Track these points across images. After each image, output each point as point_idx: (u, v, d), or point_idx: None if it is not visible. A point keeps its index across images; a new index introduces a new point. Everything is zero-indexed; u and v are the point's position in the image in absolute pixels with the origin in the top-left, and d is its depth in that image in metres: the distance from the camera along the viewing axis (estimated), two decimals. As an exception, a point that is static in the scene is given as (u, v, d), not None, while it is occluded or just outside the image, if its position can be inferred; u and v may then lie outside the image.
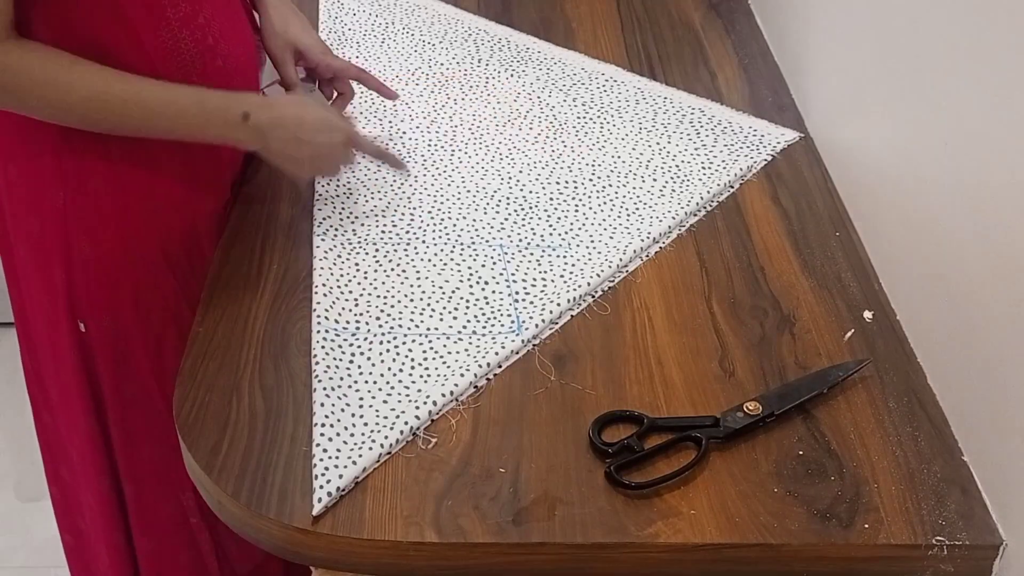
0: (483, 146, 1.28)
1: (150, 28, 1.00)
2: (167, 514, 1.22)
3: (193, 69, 1.04)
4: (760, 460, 0.92)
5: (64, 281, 1.09)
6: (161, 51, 1.02)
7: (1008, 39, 0.87)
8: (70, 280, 1.09)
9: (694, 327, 1.05)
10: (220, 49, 1.07)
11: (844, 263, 1.14)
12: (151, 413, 1.17)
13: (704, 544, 0.85)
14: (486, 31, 1.53)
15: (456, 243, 1.13)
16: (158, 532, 1.24)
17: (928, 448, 0.94)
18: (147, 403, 1.16)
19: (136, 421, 1.17)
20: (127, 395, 1.15)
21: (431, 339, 1.01)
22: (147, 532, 1.24)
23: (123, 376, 1.15)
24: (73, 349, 1.12)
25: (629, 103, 1.38)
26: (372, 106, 1.34)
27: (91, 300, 1.10)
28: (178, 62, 1.03)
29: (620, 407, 0.95)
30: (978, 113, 0.92)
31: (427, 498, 0.87)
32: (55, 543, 1.75)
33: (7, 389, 2.08)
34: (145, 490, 1.22)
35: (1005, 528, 0.87)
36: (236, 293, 1.06)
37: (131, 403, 1.16)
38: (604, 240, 1.14)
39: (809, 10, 1.39)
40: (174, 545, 1.25)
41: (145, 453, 1.19)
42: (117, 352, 1.13)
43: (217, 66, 1.06)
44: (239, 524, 0.88)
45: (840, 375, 0.98)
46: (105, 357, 1.13)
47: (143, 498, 1.22)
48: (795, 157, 1.30)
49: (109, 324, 1.11)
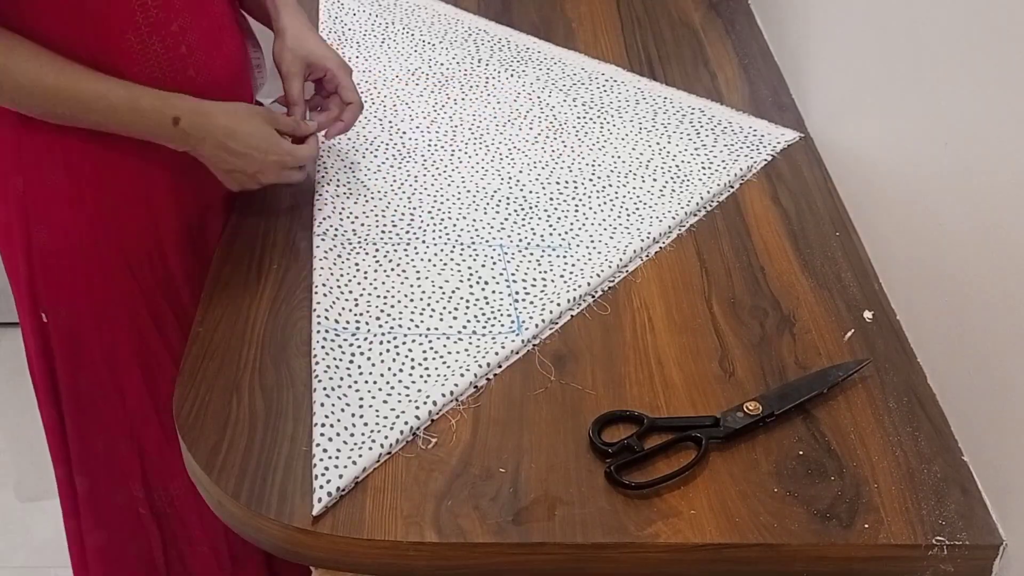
0: (483, 146, 1.28)
1: (116, 29, 0.99)
2: (118, 506, 1.24)
3: (164, 77, 1.03)
4: (760, 460, 0.92)
5: (26, 270, 1.10)
6: (128, 54, 1.01)
7: (1008, 39, 0.87)
8: (31, 268, 1.10)
9: (694, 327, 1.05)
10: (194, 60, 1.06)
11: (844, 263, 1.14)
12: (103, 405, 1.18)
13: (704, 544, 0.85)
14: (486, 31, 1.53)
15: (456, 243, 1.13)
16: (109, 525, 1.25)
17: (928, 448, 0.94)
18: (99, 395, 1.17)
19: (88, 413, 1.18)
20: (80, 386, 1.16)
21: (431, 339, 1.01)
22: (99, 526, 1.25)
23: (76, 367, 1.15)
24: (35, 337, 1.14)
25: (629, 103, 1.38)
26: (372, 106, 1.34)
27: (49, 290, 1.11)
28: (146, 68, 1.02)
29: (620, 407, 0.95)
30: (978, 113, 0.92)
31: (427, 498, 0.87)
32: (55, 543, 1.75)
33: (7, 389, 2.08)
34: (97, 482, 1.23)
35: (1005, 528, 0.87)
36: (236, 293, 1.06)
37: (84, 395, 1.17)
38: (604, 240, 1.14)
39: (809, 10, 1.39)
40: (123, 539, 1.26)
41: (97, 446, 1.20)
42: (72, 343, 1.14)
43: (189, 76, 1.05)
44: (239, 524, 0.88)
45: (840, 375, 0.98)
46: (61, 348, 1.14)
47: (96, 490, 1.24)
48: (795, 157, 1.30)
49: (65, 315, 1.12)
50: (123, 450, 1.21)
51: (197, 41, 1.06)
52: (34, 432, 1.30)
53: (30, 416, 1.28)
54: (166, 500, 1.25)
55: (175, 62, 1.04)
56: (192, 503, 1.24)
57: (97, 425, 1.19)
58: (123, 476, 1.22)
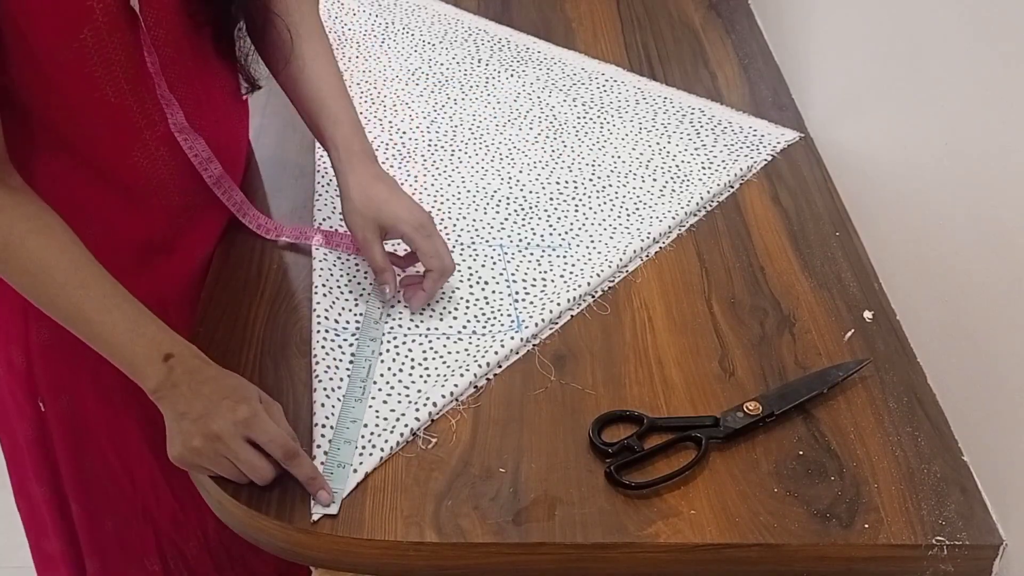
0: (483, 146, 1.28)
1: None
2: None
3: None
4: (760, 460, 0.92)
5: (23, 363, 1.06)
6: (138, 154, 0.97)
7: (1008, 39, 0.87)
8: (28, 362, 1.06)
9: (694, 327, 1.05)
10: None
11: (844, 263, 1.14)
12: (111, 489, 1.14)
13: (704, 544, 0.85)
14: (486, 31, 1.53)
15: (456, 243, 1.13)
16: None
17: (928, 448, 0.94)
18: (107, 479, 1.13)
19: (96, 496, 1.14)
20: (85, 471, 1.12)
21: (431, 339, 1.01)
22: None
23: (80, 453, 1.11)
24: (30, 426, 1.10)
25: (629, 103, 1.38)
26: (372, 106, 1.34)
27: (49, 381, 1.07)
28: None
29: (620, 407, 0.95)
30: (978, 113, 0.92)
31: (427, 498, 0.87)
32: (55, 543, 1.74)
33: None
34: (109, 562, 1.19)
35: (1005, 528, 0.87)
36: (236, 293, 1.06)
37: (90, 479, 1.13)
38: (604, 240, 1.14)
39: (809, 10, 1.39)
40: None
41: (108, 526, 1.16)
42: (74, 430, 1.10)
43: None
44: (240, 525, 0.88)
45: (840, 375, 0.98)
46: (62, 434, 1.10)
47: (108, 570, 1.20)
48: (795, 157, 1.30)
49: (67, 402, 1.08)
50: (136, 528, 1.16)
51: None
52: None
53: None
54: (184, 567, 1.21)
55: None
56: (209, 562, 1.22)
57: (105, 506, 1.15)
58: (137, 555, 1.18)
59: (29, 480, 1.17)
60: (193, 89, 1.00)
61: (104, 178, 0.98)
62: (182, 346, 0.90)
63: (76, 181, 0.97)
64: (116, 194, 0.99)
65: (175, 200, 1.04)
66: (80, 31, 0.88)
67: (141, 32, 0.91)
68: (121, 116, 0.95)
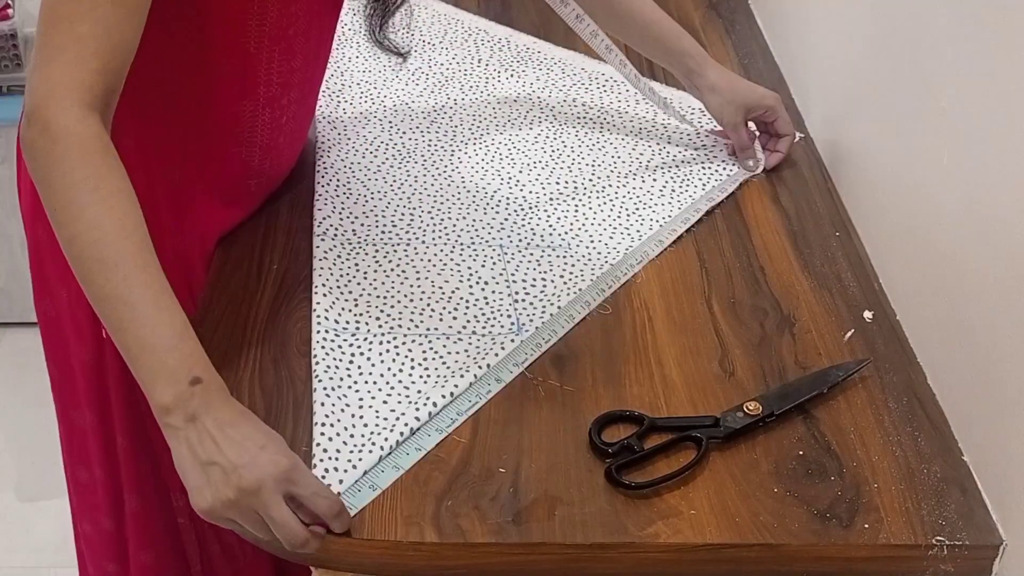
0: (483, 146, 1.28)
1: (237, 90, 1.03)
2: (163, 523, 1.22)
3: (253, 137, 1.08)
4: (760, 460, 0.92)
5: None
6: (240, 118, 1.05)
7: (1008, 40, 0.87)
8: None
9: (694, 327, 1.05)
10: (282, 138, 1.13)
11: (844, 263, 1.14)
12: (156, 426, 1.16)
13: (704, 544, 0.85)
14: (486, 31, 1.53)
15: (456, 243, 1.13)
16: (156, 543, 1.23)
17: (928, 448, 0.94)
18: (148, 412, 1.15)
19: (142, 431, 1.16)
20: (135, 404, 1.14)
21: (431, 339, 1.01)
22: (147, 545, 1.23)
23: (134, 385, 1.12)
24: (92, 353, 1.12)
25: (629, 103, 1.38)
26: (372, 106, 1.34)
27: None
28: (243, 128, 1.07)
29: (620, 407, 0.95)
30: (978, 113, 0.92)
31: (427, 498, 0.87)
32: (55, 543, 1.76)
33: (7, 389, 2.07)
34: (147, 499, 1.21)
35: (1005, 528, 0.87)
36: (236, 293, 1.06)
37: (139, 413, 1.14)
38: (604, 240, 1.14)
39: (809, 10, 1.39)
40: (167, 554, 1.24)
41: (147, 464, 1.18)
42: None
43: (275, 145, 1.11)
44: (239, 524, 0.88)
45: (840, 375, 0.98)
46: (119, 365, 1.11)
47: (146, 507, 1.21)
48: (795, 157, 1.30)
49: None
50: (167, 462, 1.19)
51: (292, 122, 1.12)
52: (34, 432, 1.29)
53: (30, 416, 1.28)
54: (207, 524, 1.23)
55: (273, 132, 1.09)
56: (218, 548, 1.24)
57: (146, 440, 1.17)
58: (167, 489, 1.19)
59: (77, 406, 1.18)
60: (309, 67, 1.10)
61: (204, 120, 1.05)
62: (213, 376, 0.84)
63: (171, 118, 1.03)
64: (205, 139, 1.07)
65: (255, 156, 1.11)
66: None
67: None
68: (250, 66, 1.02)
